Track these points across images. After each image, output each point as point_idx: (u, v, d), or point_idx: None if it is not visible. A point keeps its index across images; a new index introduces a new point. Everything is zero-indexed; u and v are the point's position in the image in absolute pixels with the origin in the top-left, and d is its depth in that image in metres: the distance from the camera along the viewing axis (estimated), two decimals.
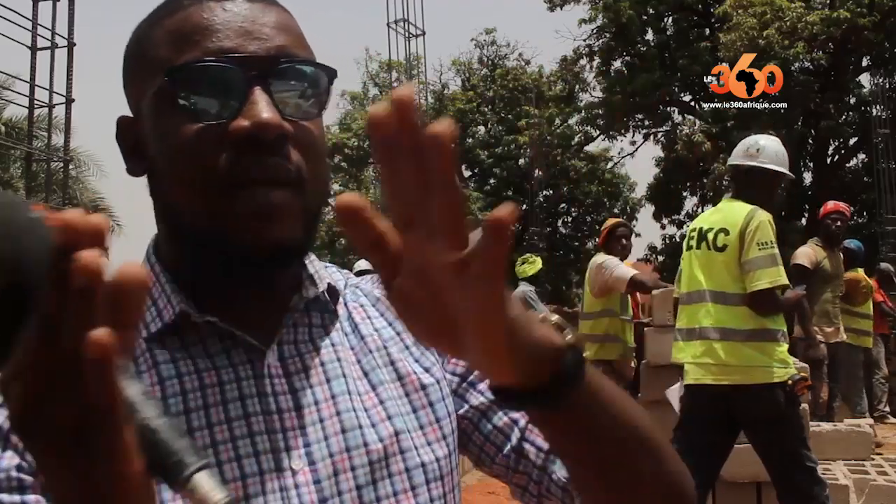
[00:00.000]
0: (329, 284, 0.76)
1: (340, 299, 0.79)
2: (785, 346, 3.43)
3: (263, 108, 0.65)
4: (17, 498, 0.59)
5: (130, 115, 0.73)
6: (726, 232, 3.49)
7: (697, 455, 3.35)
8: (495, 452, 0.78)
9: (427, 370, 0.79)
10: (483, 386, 0.79)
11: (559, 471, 0.75)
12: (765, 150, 3.58)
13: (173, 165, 0.67)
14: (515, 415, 0.78)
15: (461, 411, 0.80)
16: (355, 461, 0.70)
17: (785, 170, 3.62)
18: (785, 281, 3.43)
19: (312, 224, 0.71)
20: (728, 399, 3.41)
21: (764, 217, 3.43)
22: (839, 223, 6.07)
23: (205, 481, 0.42)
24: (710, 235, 3.54)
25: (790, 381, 3.32)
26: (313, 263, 0.77)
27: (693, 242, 3.61)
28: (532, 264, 7.35)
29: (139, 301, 0.39)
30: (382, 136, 0.43)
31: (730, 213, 3.59)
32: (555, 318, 0.55)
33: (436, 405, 0.78)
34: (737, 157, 3.66)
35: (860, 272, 7.11)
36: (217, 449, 0.66)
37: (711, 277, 3.49)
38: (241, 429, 0.68)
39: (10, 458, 0.60)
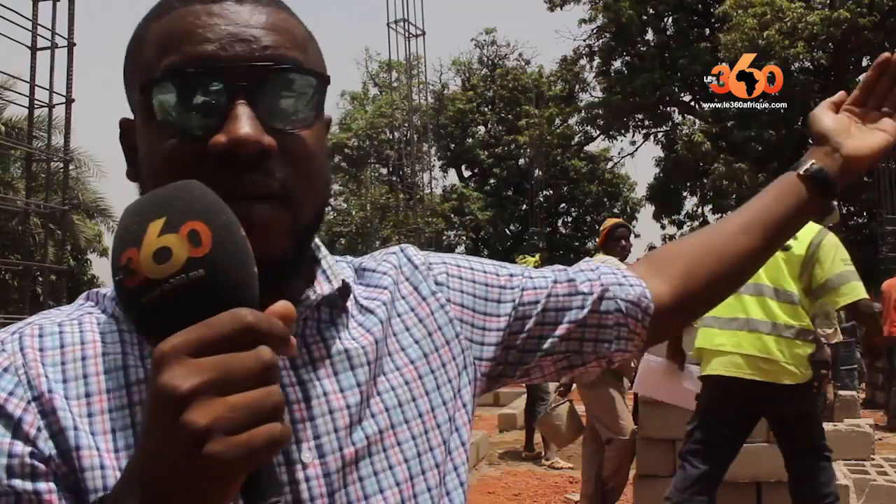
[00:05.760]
0: (343, 281, 0.76)
1: (351, 296, 0.78)
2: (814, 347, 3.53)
3: (244, 122, 0.61)
4: (29, 485, 0.58)
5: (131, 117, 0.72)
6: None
7: (715, 448, 3.54)
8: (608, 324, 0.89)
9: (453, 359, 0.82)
10: (543, 311, 0.87)
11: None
12: None
13: (153, 179, 0.64)
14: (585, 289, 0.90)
15: (558, 333, 0.87)
16: (360, 453, 0.70)
17: None
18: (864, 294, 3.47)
19: (305, 235, 0.69)
20: (761, 395, 3.46)
21: (836, 238, 3.50)
22: None
23: None
24: None
25: (816, 382, 3.49)
26: (326, 259, 0.77)
27: None
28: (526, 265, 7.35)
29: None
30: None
31: None
32: None
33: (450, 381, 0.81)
34: None
35: None
36: None
37: (768, 272, 3.47)
38: None
39: (22, 445, 0.59)
